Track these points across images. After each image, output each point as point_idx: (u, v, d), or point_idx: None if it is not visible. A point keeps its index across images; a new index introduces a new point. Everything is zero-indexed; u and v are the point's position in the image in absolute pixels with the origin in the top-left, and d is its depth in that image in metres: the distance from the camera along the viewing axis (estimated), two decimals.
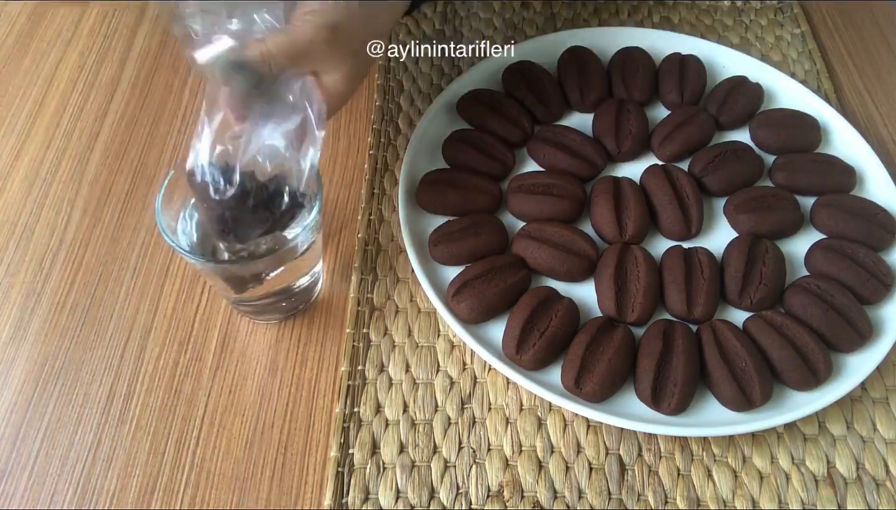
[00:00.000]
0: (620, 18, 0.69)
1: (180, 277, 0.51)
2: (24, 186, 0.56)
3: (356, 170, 0.57)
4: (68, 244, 0.52)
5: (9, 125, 0.59)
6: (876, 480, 0.44)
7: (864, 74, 0.66)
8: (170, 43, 0.65)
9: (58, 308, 0.49)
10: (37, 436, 0.44)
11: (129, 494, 0.42)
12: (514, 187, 0.53)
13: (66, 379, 0.46)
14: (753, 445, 0.45)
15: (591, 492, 0.43)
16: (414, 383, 0.47)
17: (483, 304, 0.47)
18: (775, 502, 0.43)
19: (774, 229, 0.52)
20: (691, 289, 0.48)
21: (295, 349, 0.48)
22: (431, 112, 0.57)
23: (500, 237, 0.51)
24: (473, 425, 0.45)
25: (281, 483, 0.43)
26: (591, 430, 0.45)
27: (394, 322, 0.49)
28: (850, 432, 0.45)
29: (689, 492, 0.43)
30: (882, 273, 0.49)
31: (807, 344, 0.45)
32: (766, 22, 0.69)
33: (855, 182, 0.55)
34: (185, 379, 0.46)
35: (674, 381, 0.44)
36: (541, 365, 0.46)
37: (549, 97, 0.59)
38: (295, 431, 0.45)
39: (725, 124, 0.59)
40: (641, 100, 0.59)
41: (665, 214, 0.52)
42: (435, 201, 0.52)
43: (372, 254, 0.52)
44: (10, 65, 0.63)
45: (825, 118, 0.59)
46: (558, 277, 0.50)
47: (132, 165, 0.57)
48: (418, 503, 0.42)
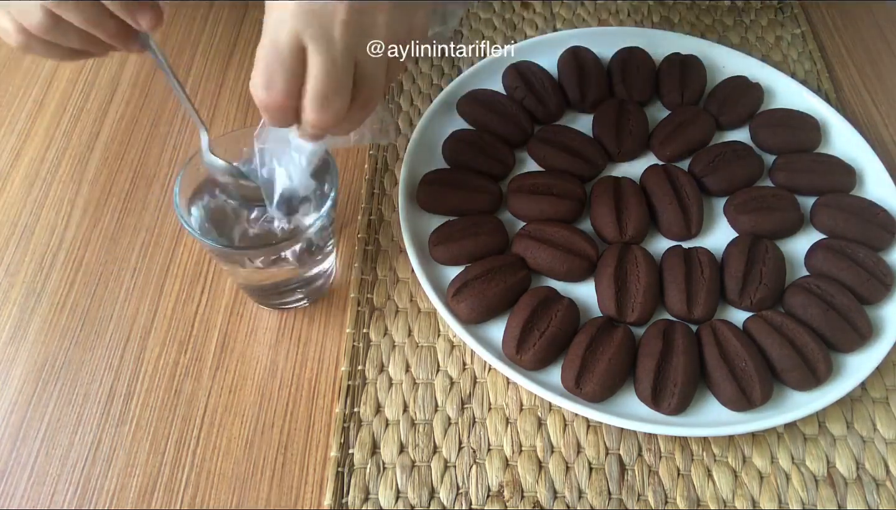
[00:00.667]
0: (620, 18, 0.69)
1: (180, 277, 0.51)
2: (24, 186, 0.55)
3: (356, 170, 0.57)
4: (68, 244, 0.52)
5: (9, 125, 0.59)
6: (876, 480, 0.44)
7: (864, 74, 0.65)
8: (169, 43, 0.65)
9: (58, 308, 0.49)
10: (37, 436, 0.44)
11: (129, 494, 0.42)
12: (514, 187, 0.53)
13: (66, 379, 0.46)
14: (753, 445, 0.44)
15: (591, 492, 0.43)
16: (414, 383, 0.47)
17: (483, 304, 0.47)
18: (775, 502, 0.43)
19: (774, 229, 0.52)
20: (691, 289, 0.48)
21: (295, 349, 0.48)
22: (431, 112, 0.57)
23: (500, 237, 0.51)
24: (473, 425, 0.45)
25: (281, 483, 0.43)
26: (591, 430, 0.45)
27: (394, 322, 0.49)
28: (850, 432, 0.45)
29: (689, 492, 0.43)
30: (882, 273, 0.49)
31: (807, 344, 0.45)
32: (766, 22, 0.69)
33: (855, 182, 0.55)
34: (185, 379, 0.46)
35: (674, 381, 0.44)
36: (541, 365, 0.46)
37: (549, 97, 0.59)
38: (295, 431, 0.45)
39: (725, 124, 0.59)
40: (641, 100, 0.59)
41: (665, 214, 0.52)
42: (435, 201, 0.52)
43: (372, 254, 0.52)
44: (10, 65, 0.63)
45: (825, 118, 0.59)
46: (558, 277, 0.50)
47: (132, 165, 0.57)
48: (418, 503, 0.42)
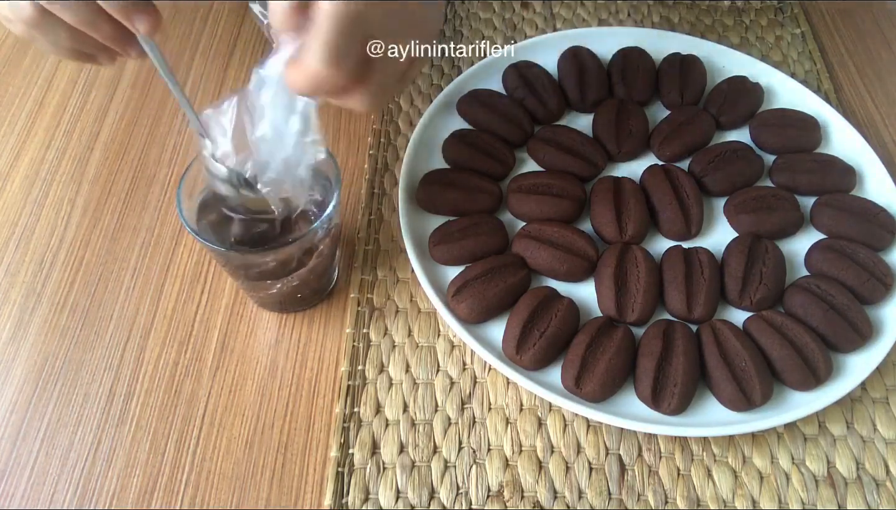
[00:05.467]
0: (620, 18, 0.69)
1: (180, 277, 0.51)
2: (24, 186, 0.55)
3: (356, 170, 0.57)
4: (68, 244, 0.52)
5: (9, 125, 0.59)
6: (876, 480, 0.44)
7: (864, 74, 0.66)
8: (169, 43, 0.65)
9: (58, 308, 0.49)
10: (37, 436, 0.44)
11: (129, 494, 0.42)
12: (514, 187, 0.53)
13: (66, 379, 0.46)
14: (753, 445, 0.44)
15: (591, 492, 0.43)
16: (414, 383, 0.47)
17: (483, 304, 0.47)
18: (775, 502, 0.43)
19: (774, 229, 0.52)
20: (691, 290, 0.48)
21: (295, 349, 0.48)
22: (431, 112, 0.57)
23: (500, 237, 0.51)
24: (473, 425, 0.45)
25: (281, 483, 0.43)
26: (591, 430, 0.45)
27: (394, 322, 0.49)
28: (850, 432, 0.45)
29: (689, 492, 0.43)
30: (882, 273, 0.49)
31: (807, 344, 0.45)
32: (766, 22, 0.69)
33: (855, 182, 0.55)
34: (185, 379, 0.46)
35: (674, 381, 0.44)
36: (541, 365, 0.46)
37: (549, 97, 0.59)
38: (295, 431, 0.45)
39: (725, 124, 0.59)
40: (641, 100, 0.59)
41: (665, 214, 0.52)
42: (435, 201, 0.52)
43: (372, 254, 0.52)
44: (10, 65, 0.63)
45: (825, 118, 0.59)
46: (558, 277, 0.50)
47: (132, 165, 0.57)
48: (418, 503, 0.42)
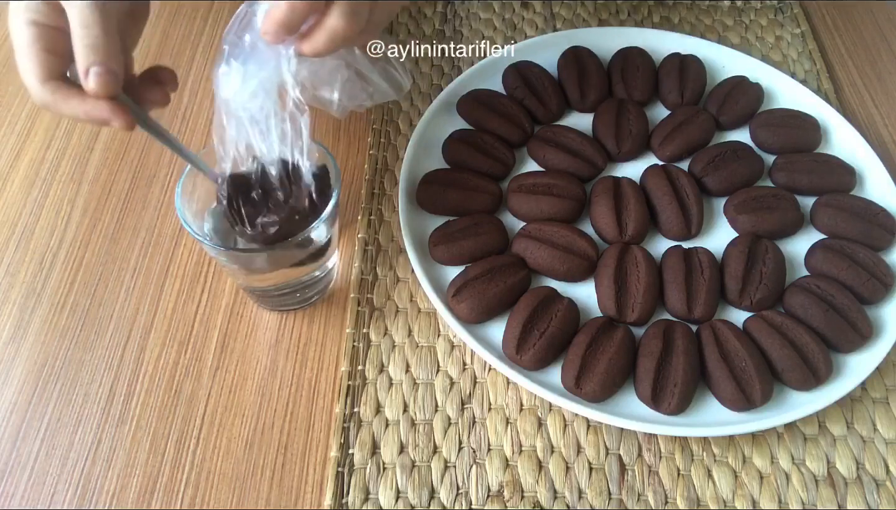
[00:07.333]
0: (620, 18, 0.69)
1: (180, 277, 0.51)
2: (24, 186, 0.55)
3: (356, 170, 0.57)
4: (68, 244, 0.52)
5: (9, 125, 0.59)
6: (876, 480, 0.44)
7: (864, 74, 0.66)
8: (170, 43, 0.65)
9: (58, 308, 0.49)
10: (37, 436, 0.44)
11: (129, 494, 0.42)
12: (514, 187, 0.53)
13: (66, 379, 0.46)
14: (753, 445, 0.44)
15: (591, 492, 0.43)
16: (414, 383, 0.47)
17: (483, 304, 0.47)
18: (775, 502, 0.43)
19: (774, 229, 0.52)
20: (691, 289, 0.48)
21: (295, 349, 0.48)
22: (431, 112, 0.57)
23: (500, 237, 0.51)
24: (473, 425, 0.45)
25: (281, 483, 0.43)
26: (591, 430, 0.45)
27: (394, 322, 0.49)
28: (850, 432, 0.45)
29: (689, 492, 0.43)
30: (882, 273, 0.49)
31: (807, 344, 0.45)
32: (766, 22, 0.69)
33: (855, 182, 0.55)
34: (185, 379, 0.46)
35: (674, 381, 0.44)
36: (541, 365, 0.46)
37: (549, 97, 0.59)
38: (295, 431, 0.45)
39: (725, 124, 0.59)
40: (641, 100, 0.59)
41: (665, 214, 0.52)
42: (435, 201, 0.52)
43: (372, 254, 0.52)
44: (10, 65, 0.63)
45: (825, 118, 0.59)
46: (558, 277, 0.50)
47: (132, 165, 0.57)
48: (418, 503, 0.42)
